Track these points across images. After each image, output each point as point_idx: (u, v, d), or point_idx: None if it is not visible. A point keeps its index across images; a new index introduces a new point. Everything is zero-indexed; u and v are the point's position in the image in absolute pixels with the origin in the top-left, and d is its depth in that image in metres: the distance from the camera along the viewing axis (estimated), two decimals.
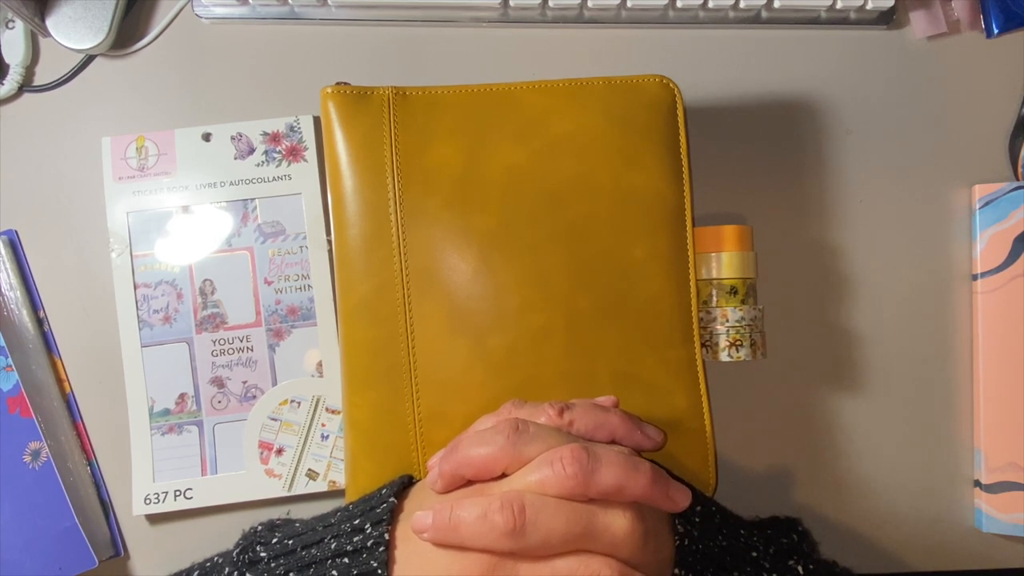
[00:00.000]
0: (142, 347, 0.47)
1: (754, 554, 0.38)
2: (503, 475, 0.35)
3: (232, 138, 0.48)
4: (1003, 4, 0.50)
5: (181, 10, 0.50)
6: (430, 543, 0.33)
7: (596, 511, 0.32)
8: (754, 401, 0.49)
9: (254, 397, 0.47)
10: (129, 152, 0.48)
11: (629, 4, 0.48)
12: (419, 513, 0.34)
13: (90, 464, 0.48)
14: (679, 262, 0.44)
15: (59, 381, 0.48)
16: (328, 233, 0.47)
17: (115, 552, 0.48)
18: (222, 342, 0.47)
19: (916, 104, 0.51)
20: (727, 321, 0.45)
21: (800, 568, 0.39)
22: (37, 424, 0.46)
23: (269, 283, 0.48)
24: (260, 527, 0.42)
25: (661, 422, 0.41)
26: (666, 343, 0.43)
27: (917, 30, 0.51)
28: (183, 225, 0.48)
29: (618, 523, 0.32)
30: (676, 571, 0.35)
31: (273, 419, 0.47)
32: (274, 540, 0.39)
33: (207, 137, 0.48)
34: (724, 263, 0.45)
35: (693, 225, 0.44)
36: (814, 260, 0.50)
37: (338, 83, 0.44)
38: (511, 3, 0.49)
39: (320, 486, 0.47)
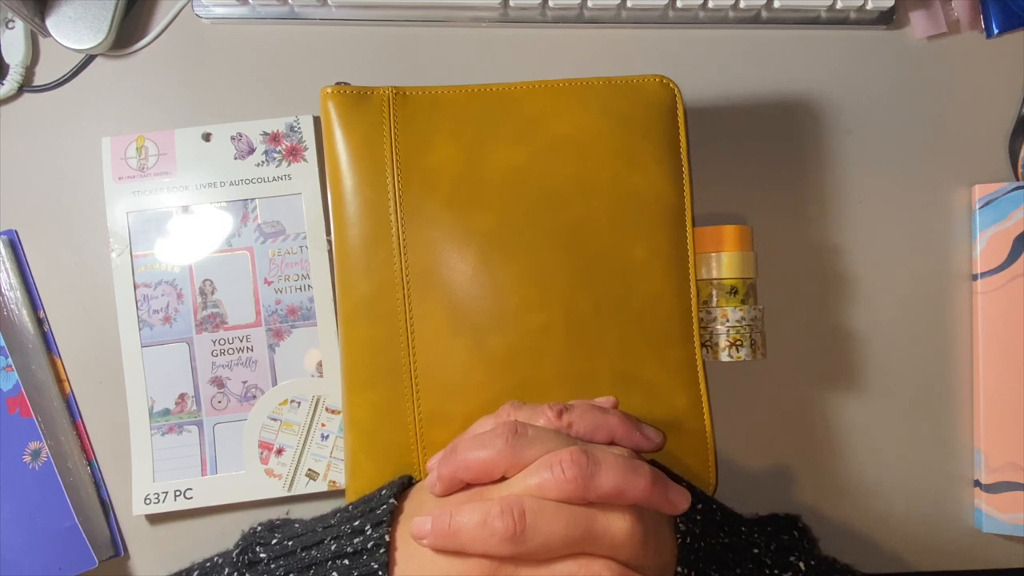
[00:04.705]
0: (142, 347, 0.47)
1: (756, 551, 0.38)
2: (502, 478, 0.35)
3: (232, 138, 0.48)
4: (1003, 4, 0.50)
5: (181, 10, 0.50)
6: (430, 549, 0.33)
7: (596, 514, 0.32)
8: (754, 401, 0.49)
9: (254, 397, 0.47)
10: (129, 152, 0.48)
11: (629, 4, 0.48)
12: (418, 519, 0.34)
13: (90, 464, 0.48)
14: (679, 262, 0.44)
15: (59, 381, 0.48)
16: (328, 233, 0.47)
17: (115, 552, 0.48)
18: (222, 342, 0.47)
19: (916, 104, 0.51)
20: (727, 321, 0.45)
21: (801, 564, 0.39)
22: (37, 424, 0.46)
23: (269, 283, 0.48)
24: (259, 527, 0.42)
25: (661, 422, 0.41)
26: (666, 343, 0.43)
27: (917, 30, 0.51)
28: (183, 225, 0.48)
29: (618, 525, 0.32)
30: (679, 569, 0.35)
31: (273, 419, 0.47)
32: (274, 541, 0.39)
33: (207, 137, 0.48)
34: (724, 263, 0.45)
35: (693, 225, 0.44)
36: (814, 260, 0.50)
37: (338, 83, 0.44)
38: (511, 3, 0.48)
39: (320, 486, 0.47)
